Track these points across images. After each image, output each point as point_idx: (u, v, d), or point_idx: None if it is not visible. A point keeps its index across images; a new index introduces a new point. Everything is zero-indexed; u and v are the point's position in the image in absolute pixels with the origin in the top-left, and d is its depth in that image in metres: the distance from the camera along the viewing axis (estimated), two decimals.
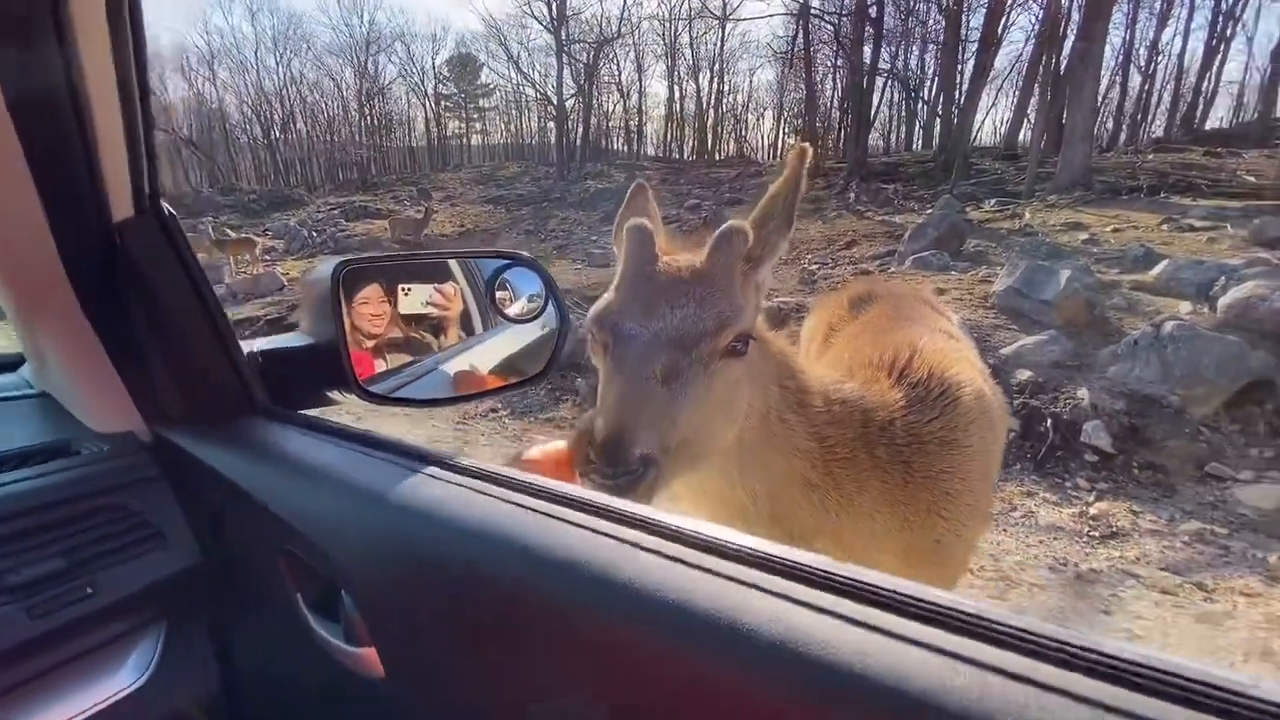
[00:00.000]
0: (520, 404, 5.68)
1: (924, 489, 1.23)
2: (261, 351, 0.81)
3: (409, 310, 1.01)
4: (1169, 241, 7.42)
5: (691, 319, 0.95)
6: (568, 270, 9.91)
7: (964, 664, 0.33)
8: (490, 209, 20.81)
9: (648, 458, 0.86)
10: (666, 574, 0.42)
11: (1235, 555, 3.11)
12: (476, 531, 0.51)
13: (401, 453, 0.65)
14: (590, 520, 0.48)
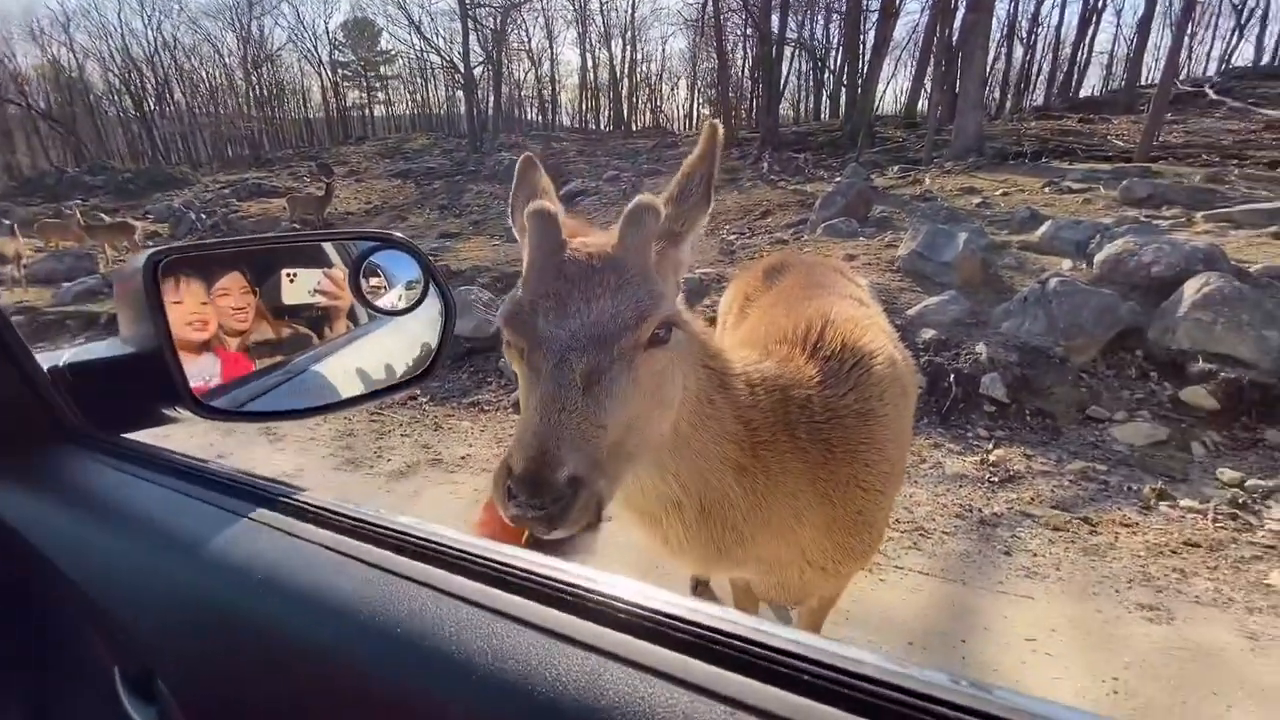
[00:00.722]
0: (440, 389, 5.46)
1: (844, 463, 1.24)
2: (69, 365, 0.65)
3: (294, 301, 0.89)
4: (1051, 203, 8.00)
5: (609, 313, 0.87)
6: (485, 247, 9.55)
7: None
8: (399, 183, 19.70)
9: (576, 479, 0.79)
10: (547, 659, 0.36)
11: (1114, 489, 3.43)
12: (328, 604, 0.42)
13: (241, 491, 0.54)
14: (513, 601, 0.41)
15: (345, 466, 4.19)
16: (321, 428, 4.78)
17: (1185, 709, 2.08)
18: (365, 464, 4.18)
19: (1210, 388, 3.94)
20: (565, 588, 0.39)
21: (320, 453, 4.39)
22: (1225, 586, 2.64)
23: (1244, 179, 8.65)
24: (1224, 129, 14.18)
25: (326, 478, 4.05)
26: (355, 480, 4.00)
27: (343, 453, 4.37)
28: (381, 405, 5.18)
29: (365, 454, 4.32)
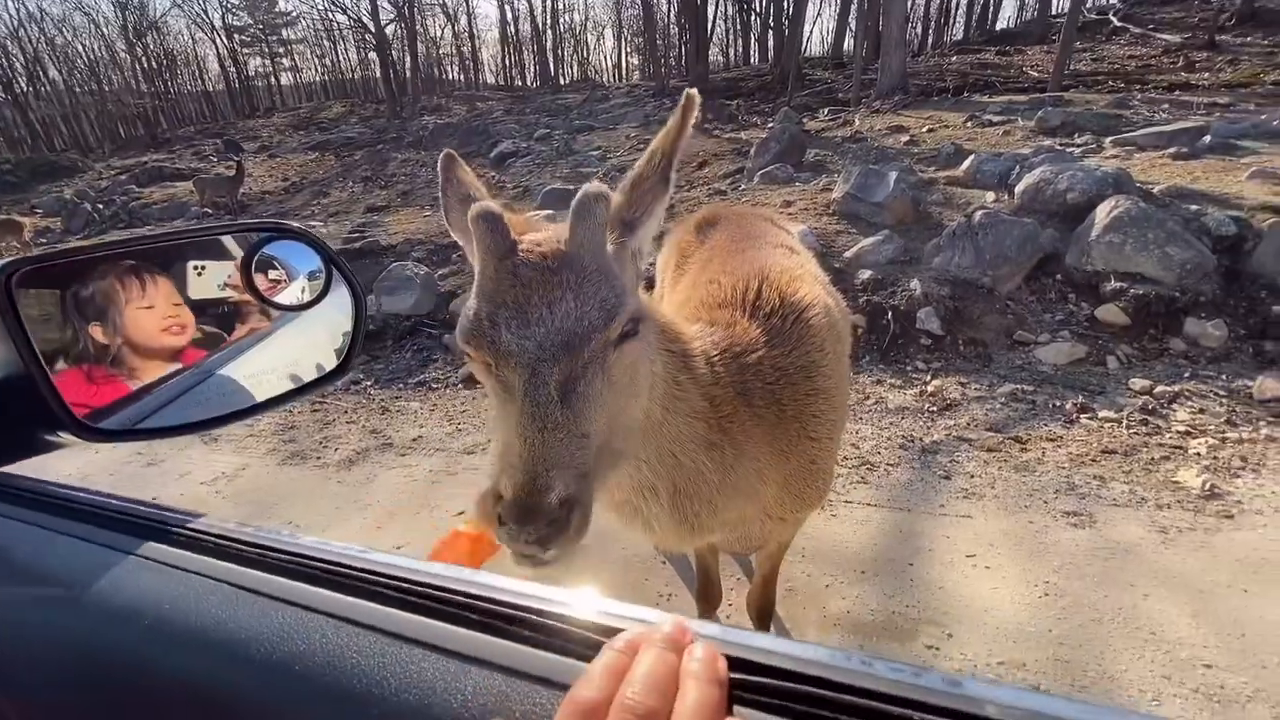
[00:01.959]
0: (385, 371, 5.30)
1: (794, 419, 1.28)
2: None
3: (202, 295, 0.82)
4: (974, 137, 8.22)
5: (573, 316, 0.83)
6: (416, 218, 9.15)
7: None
8: (316, 156, 18.54)
9: (568, 500, 0.77)
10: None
11: (1040, 407, 3.66)
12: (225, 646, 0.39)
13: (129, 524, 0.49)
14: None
15: (291, 461, 4.04)
16: (261, 423, 4.58)
17: (1107, 602, 2.28)
18: (312, 456, 4.05)
19: (1122, 304, 4.22)
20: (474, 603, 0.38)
21: (261, 449, 4.22)
22: (1138, 488, 2.89)
23: (1146, 103, 9.09)
24: (1127, 55, 14.79)
25: (273, 474, 3.91)
26: (303, 474, 3.87)
27: (286, 447, 4.21)
28: (322, 395, 5.00)
29: (310, 445, 4.18)
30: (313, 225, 9.66)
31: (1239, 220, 4.49)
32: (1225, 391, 3.61)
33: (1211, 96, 9.76)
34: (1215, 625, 2.15)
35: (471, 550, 0.92)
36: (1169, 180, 5.42)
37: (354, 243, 7.44)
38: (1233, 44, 14.44)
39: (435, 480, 3.50)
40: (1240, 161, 5.85)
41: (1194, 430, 3.31)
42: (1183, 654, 2.06)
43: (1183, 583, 2.34)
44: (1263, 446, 3.14)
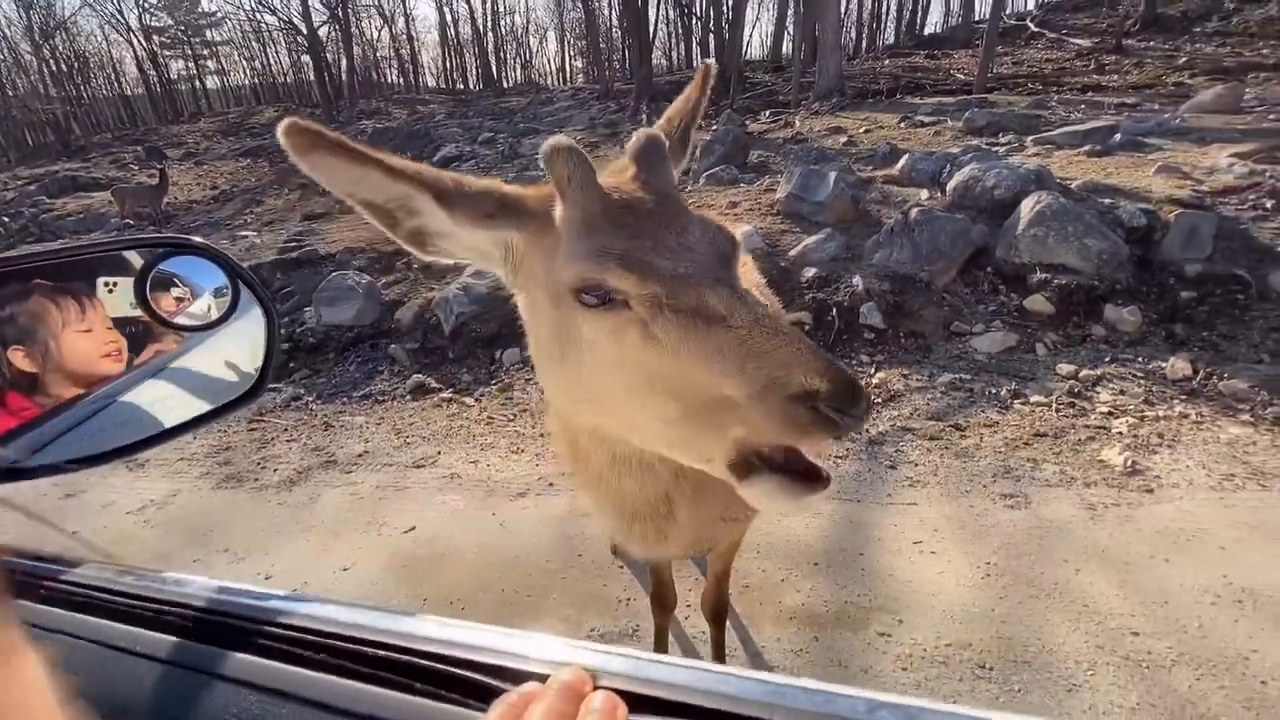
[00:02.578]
0: (327, 385, 5.10)
1: None
2: None
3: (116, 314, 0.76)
4: (907, 137, 8.54)
5: (708, 239, 0.80)
6: (356, 226, 8.85)
7: None
8: (248, 163, 17.75)
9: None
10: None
11: (978, 395, 3.82)
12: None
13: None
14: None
15: (227, 484, 3.84)
16: (193, 445, 4.34)
17: (1043, 578, 2.40)
18: (249, 477, 3.86)
19: (1047, 294, 4.45)
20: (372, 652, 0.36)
21: (194, 473, 3.99)
22: (1068, 468, 3.05)
23: (1062, 104, 9.65)
24: (1044, 59, 15.67)
25: (207, 500, 3.71)
26: (240, 497, 3.68)
27: (221, 469, 4.00)
28: (260, 412, 4.78)
29: (248, 466, 3.98)
30: (245, 235, 9.24)
31: (1148, 212, 4.81)
32: (1142, 373, 3.85)
33: (1120, 97, 10.44)
34: (1141, 595, 2.29)
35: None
36: (1085, 176, 5.75)
37: (290, 252, 7.15)
38: (1137, 48, 15.50)
39: (383, 496, 3.39)
40: (1148, 158, 6.27)
41: (1116, 410, 3.52)
42: (1113, 624, 2.18)
43: (1110, 556, 2.48)
44: (1177, 423, 3.37)
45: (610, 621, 2.38)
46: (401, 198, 0.84)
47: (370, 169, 0.79)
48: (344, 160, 0.78)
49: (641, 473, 1.02)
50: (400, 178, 0.81)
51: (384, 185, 0.82)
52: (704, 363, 0.73)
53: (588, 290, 0.78)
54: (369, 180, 0.81)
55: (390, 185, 0.82)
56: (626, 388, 0.79)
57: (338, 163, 0.78)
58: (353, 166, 0.79)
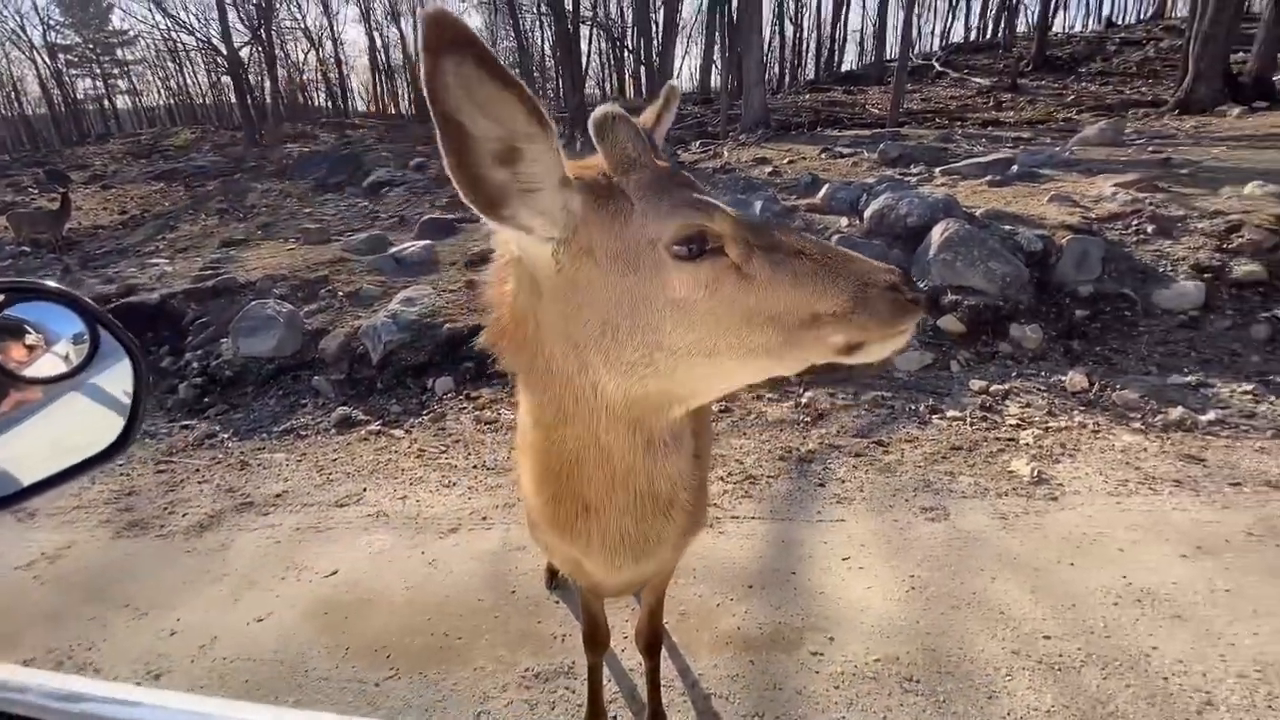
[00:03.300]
0: (245, 420, 4.80)
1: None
2: None
3: None
4: (827, 167, 8.99)
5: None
6: (278, 252, 8.48)
7: None
8: (161, 187, 16.76)
9: None
10: None
11: (899, 411, 3.99)
12: None
13: None
14: None
15: (129, 532, 3.53)
16: (89, 491, 3.98)
17: (963, 588, 2.51)
18: (154, 524, 3.56)
19: (958, 314, 4.74)
20: None
21: (91, 522, 3.65)
22: (981, 479, 3.22)
23: (966, 137, 10.42)
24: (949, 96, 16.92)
25: (106, 550, 3.39)
26: (144, 546, 3.39)
27: (122, 516, 3.68)
28: (169, 451, 4.45)
29: (153, 512, 3.68)
30: (156, 263, 8.67)
31: (1044, 238, 5.22)
32: (1045, 387, 4.14)
33: (1016, 131, 11.38)
34: (1051, 599, 2.43)
35: None
36: (988, 204, 6.20)
37: (206, 280, 6.76)
38: (1030, 87, 16.98)
39: (302, 539, 3.19)
40: (1041, 187, 6.83)
41: (1023, 423, 3.76)
42: (1027, 629, 2.30)
43: (1022, 563, 2.62)
44: (1077, 433, 3.62)
45: (545, 660, 2.32)
46: (516, 137, 0.78)
47: (514, 96, 0.73)
48: (487, 76, 0.70)
49: (673, 454, 1.03)
50: (535, 112, 0.75)
51: (514, 116, 0.75)
52: (799, 288, 0.86)
53: (685, 242, 0.85)
54: (502, 106, 0.74)
55: (520, 121, 0.76)
56: (729, 329, 0.86)
57: (481, 77, 0.70)
58: (494, 88, 0.71)
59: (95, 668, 2.49)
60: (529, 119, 0.76)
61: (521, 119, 0.76)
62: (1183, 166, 7.20)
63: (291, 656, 2.41)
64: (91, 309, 0.67)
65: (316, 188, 14.06)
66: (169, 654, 2.49)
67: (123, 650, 2.54)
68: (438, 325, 5.26)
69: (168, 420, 4.89)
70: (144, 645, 2.55)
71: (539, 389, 1.00)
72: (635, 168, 0.88)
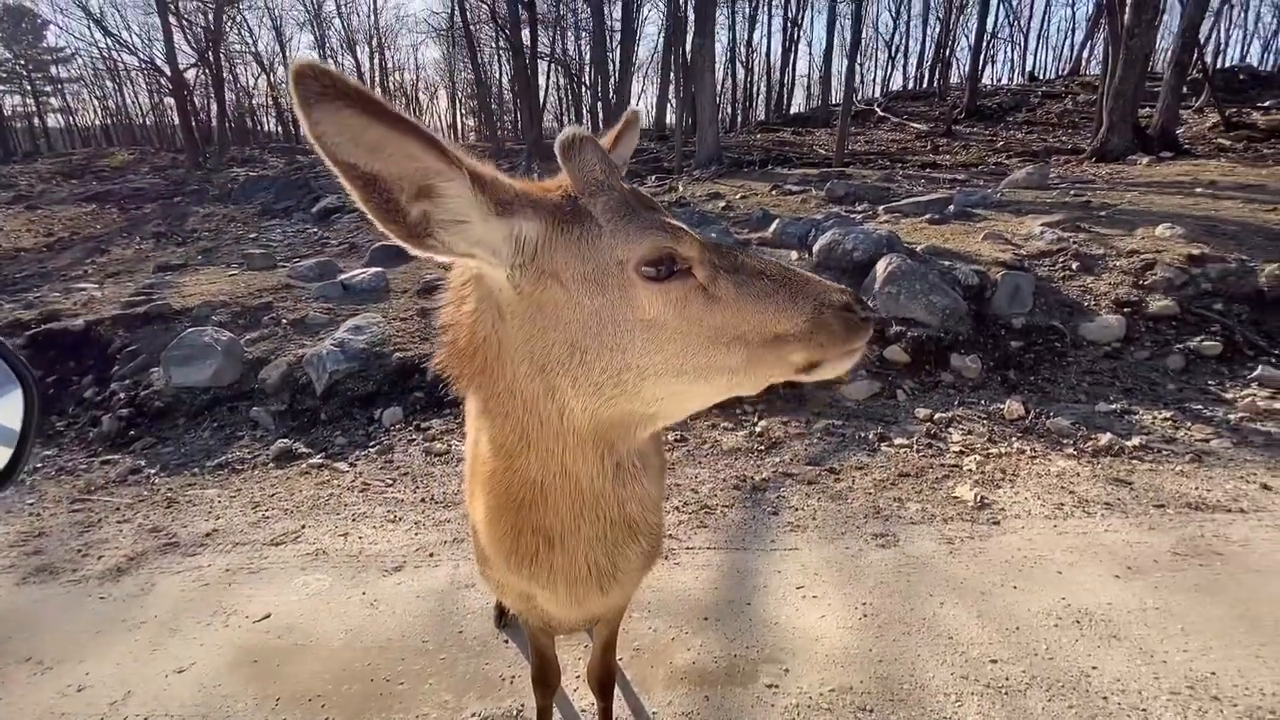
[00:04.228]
0: (174, 454, 4.52)
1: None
2: None
3: None
4: (778, 203, 9.30)
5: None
6: (219, 278, 8.14)
7: None
8: (93, 209, 15.97)
9: None
10: None
11: (849, 439, 4.07)
12: None
13: None
14: None
15: (36, 578, 3.24)
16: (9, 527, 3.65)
17: (913, 614, 2.54)
18: (66, 569, 3.28)
19: (903, 345, 4.90)
20: None
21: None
22: (928, 505, 3.30)
23: (906, 178, 10.97)
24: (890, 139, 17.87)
25: (9, 598, 3.10)
26: (53, 593, 3.11)
27: (29, 560, 3.37)
28: (87, 489, 4.13)
29: (64, 556, 3.39)
30: (83, 288, 8.18)
31: (980, 273, 5.50)
32: (985, 414, 4.31)
33: (952, 173, 12.06)
34: (996, 623, 2.48)
35: None
36: (928, 241, 6.51)
37: (137, 306, 6.41)
38: (964, 133, 18.10)
39: (232, 580, 2.99)
40: (976, 226, 7.23)
41: (966, 449, 3.89)
42: (974, 653, 2.34)
43: (967, 588, 2.68)
44: (1015, 459, 3.77)
45: (493, 703, 2.22)
46: (424, 175, 0.75)
47: (405, 136, 0.69)
48: (372, 120, 0.67)
49: (641, 478, 1.04)
50: (435, 150, 0.73)
51: (412, 157, 0.72)
52: (762, 309, 0.89)
53: (654, 263, 0.86)
54: (396, 149, 0.70)
55: (420, 158, 0.73)
56: (689, 350, 0.88)
57: (361, 122, 0.66)
58: (381, 130, 0.68)
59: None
60: (432, 156, 0.74)
61: (423, 157, 0.74)
62: (1101, 209, 7.75)
63: (215, 710, 2.24)
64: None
65: (263, 213, 13.69)
66: (74, 713, 2.27)
67: (21, 710, 2.30)
68: (387, 354, 5.12)
69: (87, 455, 4.56)
70: (46, 703, 2.32)
71: (499, 414, 0.96)
72: (602, 190, 0.89)
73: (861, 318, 0.93)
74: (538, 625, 1.51)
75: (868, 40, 38.86)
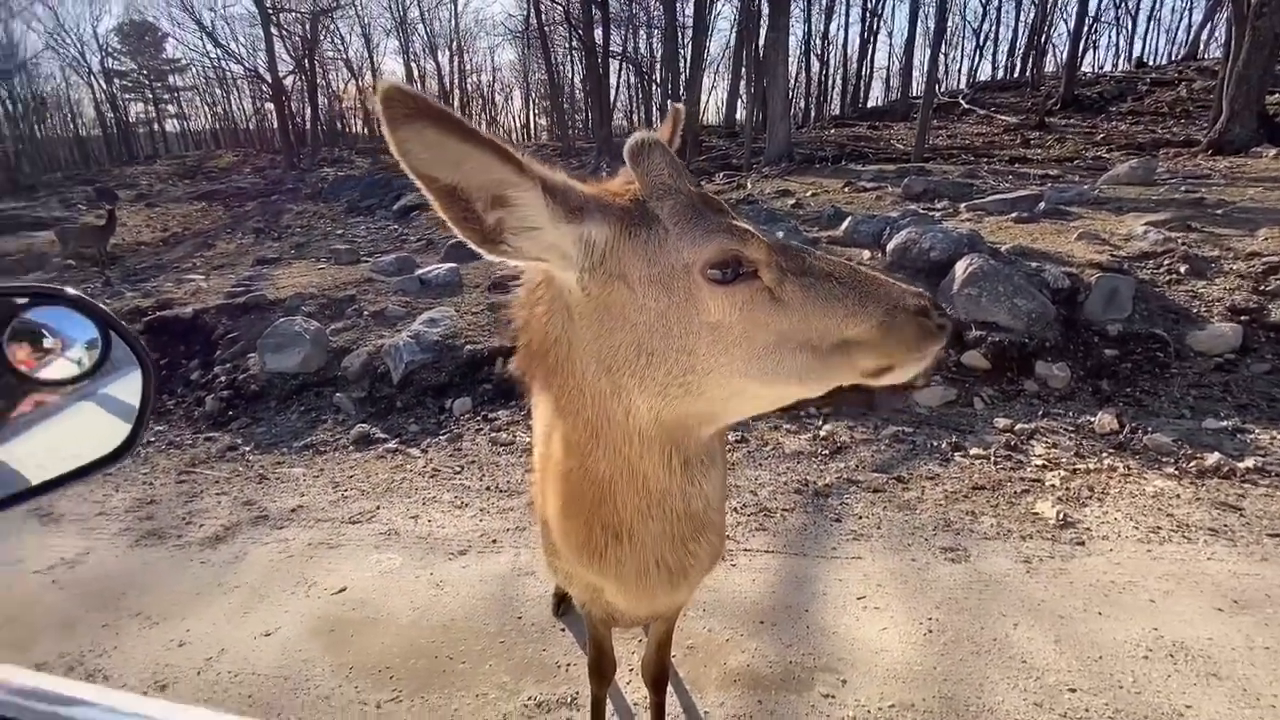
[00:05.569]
0: (266, 434, 4.88)
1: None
2: None
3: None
4: (851, 201, 9.00)
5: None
6: (309, 271, 8.70)
7: None
8: (203, 206, 17.43)
9: None
10: None
11: (920, 447, 3.91)
12: None
13: None
14: None
15: (146, 541, 3.58)
16: (112, 499, 4.06)
17: (983, 634, 2.41)
18: (172, 534, 3.61)
19: (982, 350, 4.65)
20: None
21: (111, 529, 3.71)
22: (1004, 520, 3.12)
23: (991, 174, 10.37)
24: (975, 133, 16.92)
25: (123, 558, 3.44)
26: (160, 555, 3.43)
27: (141, 525, 3.73)
28: (192, 462, 4.53)
29: (171, 522, 3.73)
30: (192, 279, 8.96)
31: (1071, 275, 5.14)
32: (1072, 427, 4.03)
33: (1044, 169, 11.30)
34: (1076, 649, 2.32)
35: None
36: (1013, 240, 6.14)
37: (238, 297, 6.95)
38: (1059, 125, 16.90)
39: (314, 555, 3.20)
40: (1069, 224, 6.75)
41: (1049, 464, 3.65)
42: (1050, 680, 2.20)
43: (1046, 610, 2.52)
44: (1105, 476, 3.50)
45: (549, 689, 2.27)
46: (499, 186, 0.79)
47: (482, 150, 0.74)
48: (453, 137, 0.71)
49: (709, 474, 1.04)
50: (511, 163, 0.77)
51: (488, 170, 0.77)
52: (830, 312, 0.87)
53: (720, 266, 0.85)
54: (474, 163, 0.75)
55: (496, 171, 0.77)
56: (754, 354, 0.87)
57: (443, 139, 0.71)
58: (460, 145, 0.72)
59: (105, 675, 2.50)
60: (507, 169, 0.78)
61: (498, 169, 0.77)
62: (1217, 207, 7.06)
63: (295, 673, 2.40)
64: (108, 316, 0.69)
65: (349, 210, 14.50)
66: (176, 665, 2.50)
67: (132, 659, 2.55)
68: (459, 346, 5.32)
69: (192, 432, 4.99)
70: (153, 655, 2.56)
71: (570, 412, 0.98)
72: (670, 193, 0.89)
73: (937, 324, 0.89)
74: (601, 617, 1.52)
75: (954, 29, 36.94)
